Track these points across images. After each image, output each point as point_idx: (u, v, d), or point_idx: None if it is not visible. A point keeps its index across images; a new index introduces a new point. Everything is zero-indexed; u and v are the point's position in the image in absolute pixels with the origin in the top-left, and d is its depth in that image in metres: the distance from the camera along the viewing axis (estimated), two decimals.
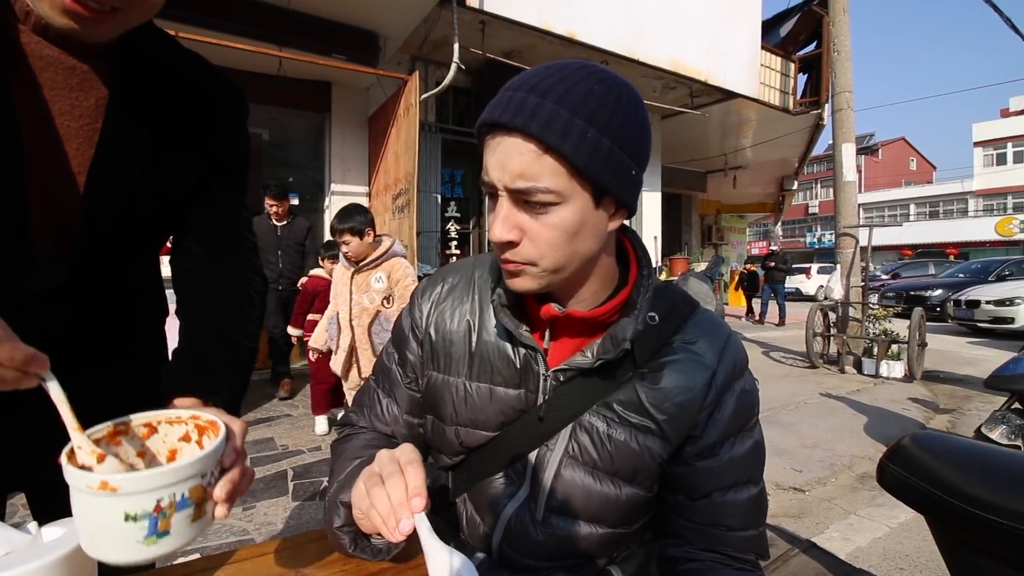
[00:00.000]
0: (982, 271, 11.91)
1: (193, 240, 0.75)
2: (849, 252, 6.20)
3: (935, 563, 2.11)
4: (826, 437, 3.63)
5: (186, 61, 0.71)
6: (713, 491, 0.66)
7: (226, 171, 0.76)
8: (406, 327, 0.76)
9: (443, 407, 0.70)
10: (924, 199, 31.47)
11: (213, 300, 0.73)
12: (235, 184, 0.79)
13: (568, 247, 0.58)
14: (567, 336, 0.68)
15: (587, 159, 0.53)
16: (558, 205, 0.55)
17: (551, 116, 0.52)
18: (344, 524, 0.61)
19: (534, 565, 0.69)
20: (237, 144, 0.78)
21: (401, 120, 4.63)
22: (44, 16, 0.52)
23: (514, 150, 0.54)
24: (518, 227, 0.57)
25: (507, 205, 0.57)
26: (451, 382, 0.70)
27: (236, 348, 0.72)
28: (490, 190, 0.58)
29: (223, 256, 0.76)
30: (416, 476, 0.51)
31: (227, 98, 0.75)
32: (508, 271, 0.60)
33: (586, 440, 0.65)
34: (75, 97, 0.60)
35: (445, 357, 0.71)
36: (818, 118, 8.23)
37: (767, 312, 10.19)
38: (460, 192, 6.64)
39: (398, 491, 0.50)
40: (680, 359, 0.66)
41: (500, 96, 0.56)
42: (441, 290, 0.75)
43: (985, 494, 0.89)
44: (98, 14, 0.52)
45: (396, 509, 0.50)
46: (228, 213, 0.77)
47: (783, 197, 11.58)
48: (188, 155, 0.69)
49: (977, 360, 6.43)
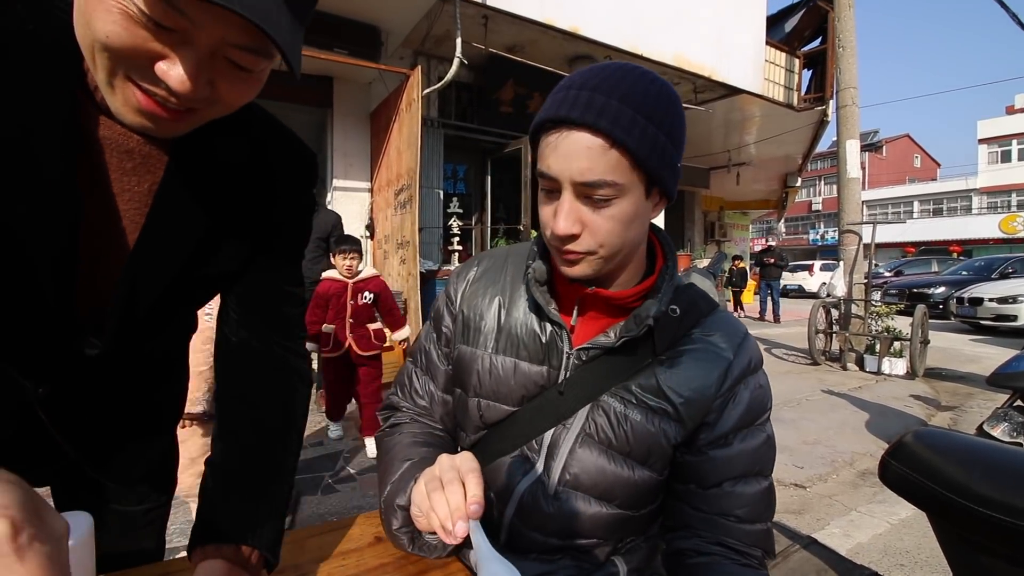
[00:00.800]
0: (985, 269, 11.85)
1: (236, 316, 0.69)
2: (852, 249, 6.18)
3: (935, 559, 2.11)
4: (827, 434, 3.63)
5: (256, 129, 0.64)
6: (724, 480, 0.68)
7: (282, 244, 0.70)
8: (442, 306, 0.81)
9: (468, 378, 0.74)
10: (928, 196, 31.33)
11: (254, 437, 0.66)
12: (290, 256, 0.72)
13: (624, 236, 0.62)
14: (592, 318, 0.71)
15: (647, 152, 0.57)
16: (619, 198, 0.59)
17: (617, 113, 0.56)
18: (402, 526, 0.66)
19: (542, 541, 0.70)
20: (298, 218, 0.72)
21: (403, 115, 4.62)
22: (116, 113, 0.48)
23: (582, 145, 0.57)
24: (580, 220, 0.60)
25: (570, 199, 0.60)
26: (478, 354, 0.74)
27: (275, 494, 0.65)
28: (551, 185, 0.61)
29: (264, 345, 0.69)
30: (475, 484, 0.55)
31: (292, 170, 0.69)
32: (567, 258, 0.64)
33: (603, 420, 0.68)
34: (128, 181, 0.56)
35: (475, 331, 0.75)
36: (822, 114, 8.19)
37: (766, 309, 10.17)
38: (463, 188, 6.63)
39: (457, 497, 0.54)
40: (698, 348, 0.70)
41: (563, 94, 0.59)
42: (477, 271, 0.80)
43: (988, 491, 0.88)
44: (175, 113, 0.47)
45: (453, 513, 0.53)
46: (274, 289, 0.70)
47: (786, 194, 11.53)
48: (240, 239, 0.65)
49: (979, 358, 6.42)
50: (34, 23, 0.46)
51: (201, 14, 0.42)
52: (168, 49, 0.43)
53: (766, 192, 11.92)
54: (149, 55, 0.43)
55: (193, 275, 0.63)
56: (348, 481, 2.75)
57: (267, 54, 0.48)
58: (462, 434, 0.78)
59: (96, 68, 0.45)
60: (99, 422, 0.67)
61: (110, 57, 0.43)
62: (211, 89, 0.47)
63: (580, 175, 0.57)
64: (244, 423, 0.66)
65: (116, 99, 0.46)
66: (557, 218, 0.60)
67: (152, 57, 0.43)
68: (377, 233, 5.39)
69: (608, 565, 0.72)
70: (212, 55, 0.45)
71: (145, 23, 0.42)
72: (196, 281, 0.64)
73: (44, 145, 0.48)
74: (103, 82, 0.45)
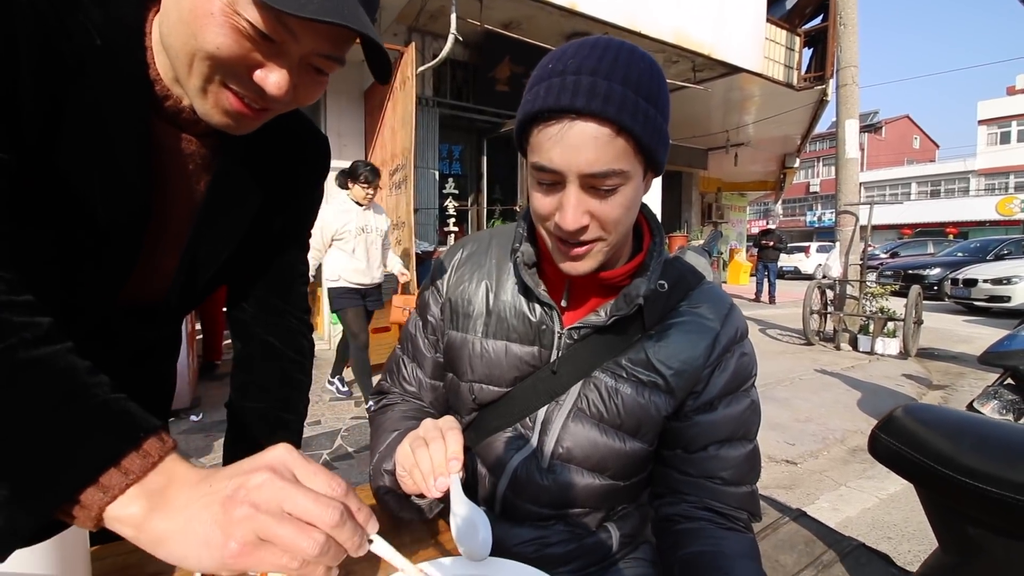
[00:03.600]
0: (981, 250, 11.90)
1: (251, 295, 0.76)
2: (849, 230, 6.17)
3: (922, 533, 2.15)
4: (819, 412, 3.68)
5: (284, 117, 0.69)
6: (710, 444, 0.69)
7: (296, 229, 0.78)
8: (428, 294, 0.81)
9: (460, 363, 0.74)
10: (926, 178, 31.25)
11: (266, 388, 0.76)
12: (302, 239, 0.80)
13: (628, 221, 0.62)
14: (581, 298, 0.72)
15: (649, 136, 0.56)
16: (624, 185, 0.58)
17: (622, 99, 0.54)
18: (389, 490, 0.68)
19: (536, 511, 0.71)
20: (314, 204, 0.79)
21: (397, 93, 4.55)
22: (203, 115, 0.51)
23: (588, 135, 0.54)
24: (588, 212, 0.59)
25: (576, 192, 0.58)
26: (468, 339, 0.74)
27: (288, 426, 0.77)
28: (553, 179, 0.58)
29: (275, 319, 0.77)
30: (455, 442, 0.57)
31: (314, 157, 0.75)
32: (574, 255, 0.62)
33: (595, 395, 0.69)
34: (188, 184, 0.60)
35: (464, 317, 0.75)
36: (822, 94, 8.09)
37: (763, 290, 10.21)
38: (458, 168, 6.56)
39: (439, 454, 0.56)
40: (686, 321, 0.70)
41: (559, 80, 0.55)
42: (461, 255, 0.80)
43: (976, 464, 0.90)
44: (258, 113, 0.52)
45: (436, 468, 0.55)
46: (287, 268, 0.78)
47: (784, 175, 11.48)
48: (276, 222, 0.71)
49: (972, 338, 6.48)
50: (102, 38, 0.48)
51: (303, 28, 0.46)
52: (267, 59, 0.48)
53: (764, 173, 11.87)
54: (249, 64, 0.48)
55: (232, 265, 0.68)
56: (345, 459, 2.78)
57: (344, 61, 0.52)
58: (456, 416, 0.78)
59: (191, 74, 0.48)
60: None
61: (212, 65, 0.47)
62: (293, 92, 0.51)
63: (588, 167, 0.55)
64: (261, 371, 0.75)
65: (207, 102, 0.50)
66: (564, 213, 0.58)
67: (251, 66, 0.48)
68: None
69: (600, 531, 0.74)
70: (301, 62, 0.50)
71: (251, 35, 0.45)
72: (232, 269, 0.69)
73: (125, 153, 0.51)
74: (196, 87, 0.49)
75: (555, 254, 0.65)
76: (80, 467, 0.33)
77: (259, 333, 0.76)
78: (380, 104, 4.95)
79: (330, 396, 3.71)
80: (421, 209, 5.38)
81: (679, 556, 0.66)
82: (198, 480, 0.35)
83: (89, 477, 0.33)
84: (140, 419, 0.37)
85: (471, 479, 0.76)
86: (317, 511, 0.33)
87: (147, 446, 0.35)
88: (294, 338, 0.78)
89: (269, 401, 0.74)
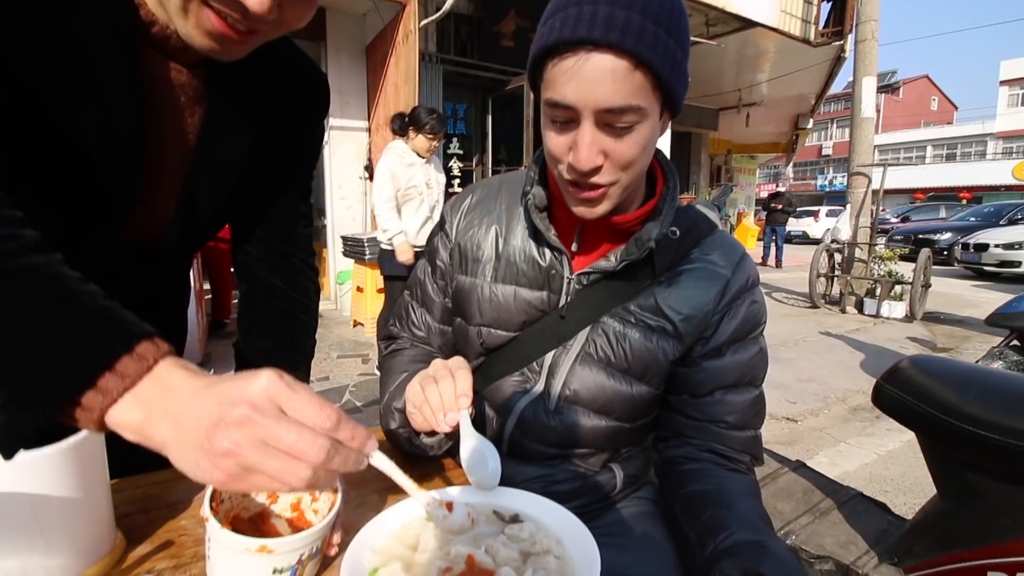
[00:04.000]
0: (994, 215, 11.70)
1: (254, 237, 0.75)
2: (860, 192, 6.07)
3: (918, 487, 2.20)
4: (822, 372, 3.71)
5: (280, 52, 0.67)
6: (716, 389, 0.70)
7: (299, 168, 0.76)
8: (437, 239, 0.80)
9: (468, 308, 0.74)
10: (942, 141, 30.45)
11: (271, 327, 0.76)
12: (304, 180, 0.79)
13: (643, 162, 0.60)
14: (592, 243, 0.71)
15: (669, 71, 0.54)
16: (641, 123, 0.55)
17: (641, 29, 0.51)
18: (399, 426, 0.68)
19: (542, 451, 0.73)
20: (315, 144, 0.78)
21: (400, 48, 4.41)
22: (186, 37, 0.49)
23: (605, 68, 0.52)
24: (603, 151, 0.57)
25: (591, 129, 0.56)
26: (477, 284, 0.74)
27: (295, 365, 0.76)
28: (567, 115, 0.56)
29: (280, 261, 0.76)
30: (464, 379, 0.57)
31: (314, 94, 0.73)
32: (587, 199, 0.61)
33: (602, 340, 0.69)
34: (180, 117, 0.58)
35: (472, 262, 0.74)
36: (840, 50, 7.78)
37: (769, 254, 10.13)
38: (463, 128, 6.43)
39: (448, 390, 0.57)
40: (697, 268, 0.70)
41: (576, 10, 0.52)
42: (471, 201, 0.78)
43: (980, 412, 0.91)
44: (242, 35, 0.49)
45: (445, 404, 0.56)
46: (289, 210, 0.77)
47: (797, 136, 11.19)
48: (275, 161, 0.69)
49: (980, 303, 6.44)
50: None
51: None
52: None
53: (776, 134, 11.57)
54: None
55: (233, 203, 0.67)
56: (354, 413, 2.84)
57: None
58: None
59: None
60: None
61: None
62: (279, 11, 0.48)
63: (605, 102, 0.53)
64: (266, 311, 0.75)
65: (189, 22, 0.47)
66: (578, 151, 0.56)
67: None
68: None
69: (605, 471, 0.75)
70: None
71: None
72: (234, 207, 0.68)
73: (115, 82, 0.50)
74: (177, 7, 0.46)
75: (568, 197, 0.63)
76: (74, 369, 0.34)
77: (263, 275, 0.76)
78: (382, 60, 4.81)
79: (338, 353, 3.76)
80: None
81: (681, 494, 0.67)
82: (192, 394, 0.35)
83: (84, 380, 0.33)
84: (133, 324, 0.37)
85: (479, 420, 0.77)
86: (302, 447, 0.33)
87: (141, 349, 0.35)
88: (299, 280, 0.78)
89: (275, 340, 0.75)
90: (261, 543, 0.43)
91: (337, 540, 0.52)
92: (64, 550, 0.46)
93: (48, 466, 0.45)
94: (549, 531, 0.47)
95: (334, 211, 5.38)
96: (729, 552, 0.55)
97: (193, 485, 0.65)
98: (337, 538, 0.52)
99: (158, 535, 0.55)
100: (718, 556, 0.56)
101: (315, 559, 0.48)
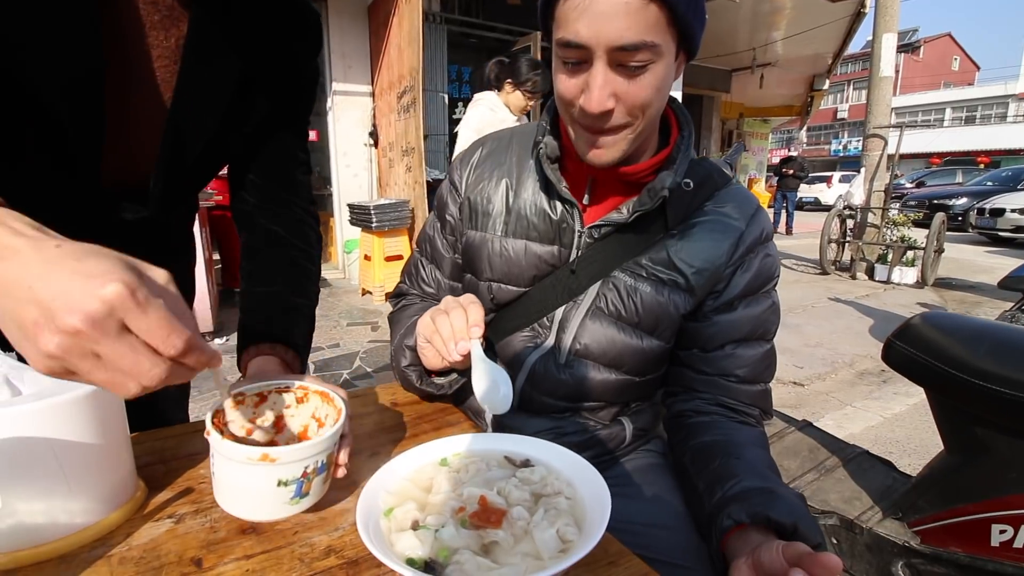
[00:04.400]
0: (1012, 179, 11.41)
1: (251, 183, 0.73)
2: (876, 155, 5.92)
3: (924, 448, 2.22)
4: (830, 338, 3.70)
5: None
6: (727, 343, 0.69)
7: (291, 108, 0.72)
8: (446, 193, 0.79)
9: (479, 263, 0.74)
10: (962, 103, 29.48)
11: (273, 272, 0.74)
12: (298, 122, 0.75)
13: (658, 105, 0.58)
14: (603, 195, 0.69)
15: (685, 4, 0.51)
16: (655, 62, 0.54)
17: None
18: (410, 364, 0.69)
19: (553, 404, 0.73)
20: (308, 84, 0.74)
21: (403, 7, 4.28)
22: None
23: (618, 1, 0.50)
24: (615, 94, 0.55)
25: (603, 69, 0.53)
26: (487, 238, 0.73)
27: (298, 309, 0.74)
28: (578, 56, 0.55)
29: (280, 209, 0.74)
30: (476, 311, 0.57)
31: (304, 26, 0.69)
32: (599, 143, 0.59)
33: (613, 294, 0.68)
34: (156, 36, 0.54)
35: (483, 216, 0.73)
36: (859, 5, 7.47)
37: (780, 220, 9.99)
38: (468, 92, 6.30)
39: (460, 320, 0.57)
40: (710, 220, 0.68)
41: None
42: (480, 154, 0.77)
43: (990, 367, 0.90)
44: None
45: (456, 333, 0.56)
46: (285, 154, 0.74)
47: (811, 99, 10.85)
48: (264, 98, 0.66)
49: (993, 268, 6.35)
50: None
51: None
52: None
53: (790, 97, 11.23)
54: None
55: (229, 131, 0.63)
56: (365, 378, 2.89)
57: None
58: None
59: None
60: None
61: None
62: None
63: (618, 38, 0.51)
64: (267, 257, 0.73)
65: None
66: (590, 92, 0.55)
67: None
68: (381, 140, 5.21)
69: (614, 424, 0.76)
70: None
71: None
72: (231, 138, 0.65)
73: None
74: None
75: (578, 144, 0.62)
76: None
77: (263, 223, 0.74)
78: (385, 21, 4.68)
79: (347, 321, 3.80)
80: (431, 135, 5.22)
81: (691, 445, 0.68)
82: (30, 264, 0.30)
83: None
84: None
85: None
86: (136, 370, 0.31)
87: None
88: (300, 228, 0.76)
89: (278, 284, 0.73)
90: (263, 451, 0.43)
91: (344, 460, 0.52)
92: (87, 494, 0.47)
93: (68, 412, 0.46)
94: (560, 474, 0.47)
95: (340, 179, 5.33)
96: (737, 498, 0.56)
97: None
98: (344, 457, 0.52)
99: (178, 483, 0.57)
100: (726, 502, 0.57)
101: (321, 475, 0.48)
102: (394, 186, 4.86)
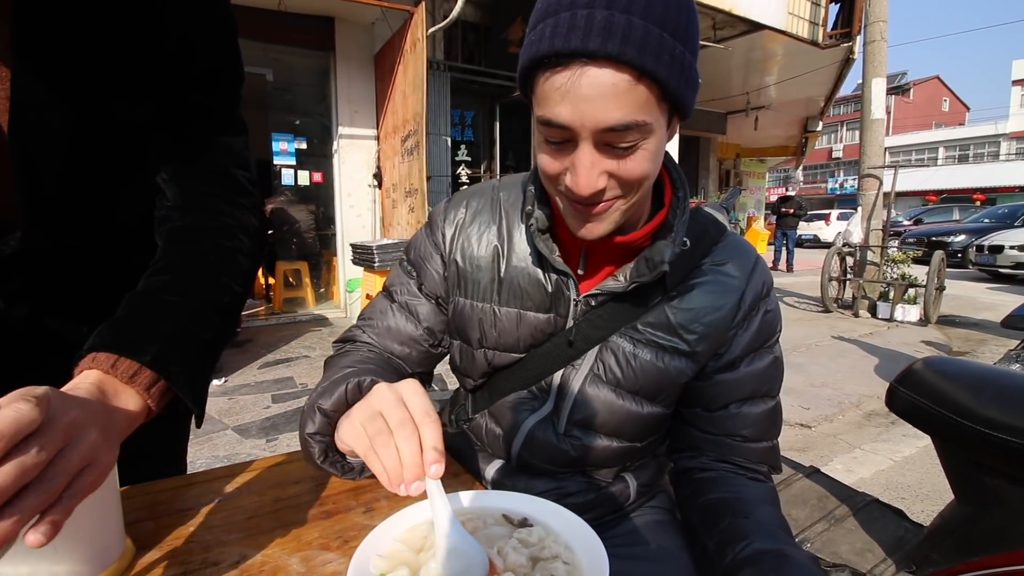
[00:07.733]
0: (1009, 216, 11.51)
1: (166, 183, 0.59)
2: (872, 194, 6.00)
3: (936, 494, 2.16)
4: (835, 377, 3.65)
5: None
6: (730, 403, 0.67)
7: (200, 84, 0.59)
8: (428, 245, 0.73)
9: (471, 332, 0.70)
10: (954, 142, 30.10)
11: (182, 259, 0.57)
12: (216, 102, 0.62)
13: (652, 176, 0.54)
14: (599, 262, 0.67)
15: (676, 79, 0.48)
16: (646, 140, 0.50)
17: (644, 36, 0.45)
18: (317, 432, 0.52)
19: (552, 470, 0.71)
20: (212, 36, 0.59)
21: (408, 56, 4.46)
22: None
23: (604, 82, 0.46)
24: (605, 173, 0.51)
25: (590, 152, 0.50)
26: (479, 307, 0.69)
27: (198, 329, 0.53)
28: (561, 136, 0.50)
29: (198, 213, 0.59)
30: (433, 433, 0.41)
31: None
32: (589, 218, 0.56)
33: (611, 360, 0.66)
34: None
35: (473, 283, 0.69)
36: (848, 51, 7.74)
37: (780, 258, 10.05)
38: (471, 135, 6.47)
39: (411, 447, 0.41)
40: (709, 280, 0.66)
41: (568, 16, 0.46)
42: (465, 214, 0.72)
43: (995, 414, 0.89)
44: None
45: (407, 468, 0.40)
46: (204, 144, 0.61)
47: (806, 139, 11.12)
48: (139, 67, 0.53)
49: (995, 305, 6.33)
50: None
51: None
52: None
53: (785, 138, 11.51)
54: None
55: (98, 125, 0.52)
56: None
57: None
58: (467, 380, 0.76)
59: None
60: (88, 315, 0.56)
61: None
62: None
63: (605, 120, 0.47)
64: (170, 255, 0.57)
65: None
66: (576, 176, 0.51)
67: None
68: (385, 182, 5.33)
69: (618, 482, 0.74)
70: None
71: None
72: (106, 133, 0.53)
73: None
74: None
75: (568, 218, 0.58)
76: None
77: (176, 221, 0.59)
78: (391, 69, 4.86)
79: None
80: (434, 177, 5.33)
81: (699, 503, 0.65)
82: None
83: None
84: None
85: (486, 438, 0.75)
86: None
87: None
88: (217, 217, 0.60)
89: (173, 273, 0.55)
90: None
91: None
92: (73, 556, 0.46)
93: None
94: (559, 537, 0.46)
95: (343, 219, 5.42)
96: (749, 561, 0.54)
97: (202, 492, 0.66)
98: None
99: (167, 541, 0.55)
100: (738, 565, 0.54)
101: None
102: (397, 226, 4.93)
